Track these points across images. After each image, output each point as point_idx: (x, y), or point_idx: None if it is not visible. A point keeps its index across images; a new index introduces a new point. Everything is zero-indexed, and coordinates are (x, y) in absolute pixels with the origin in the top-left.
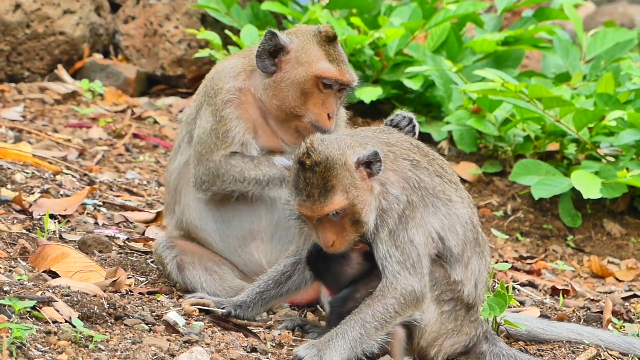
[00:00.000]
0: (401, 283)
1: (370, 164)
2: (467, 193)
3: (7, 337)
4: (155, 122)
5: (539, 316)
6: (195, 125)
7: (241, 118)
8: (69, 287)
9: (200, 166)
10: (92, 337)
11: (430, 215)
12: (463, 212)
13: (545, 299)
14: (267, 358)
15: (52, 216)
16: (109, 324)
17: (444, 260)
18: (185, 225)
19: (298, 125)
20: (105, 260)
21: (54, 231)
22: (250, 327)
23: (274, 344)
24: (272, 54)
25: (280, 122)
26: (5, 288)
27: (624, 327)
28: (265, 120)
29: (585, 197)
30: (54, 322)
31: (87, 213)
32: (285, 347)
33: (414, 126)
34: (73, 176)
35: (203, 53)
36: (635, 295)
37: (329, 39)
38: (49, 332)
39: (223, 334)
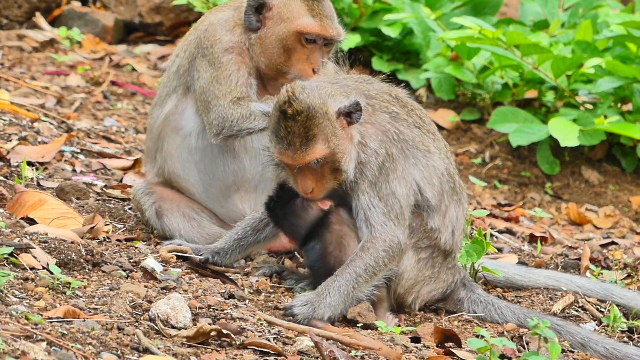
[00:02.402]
0: (389, 234)
1: (350, 114)
2: (445, 142)
3: None
4: (134, 69)
5: (517, 263)
6: (192, 78)
7: (241, 64)
8: (46, 234)
9: (211, 113)
10: (70, 283)
11: (410, 167)
12: (440, 164)
13: (523, 246)
14: (245, 304)
15: (29, 163)
16: (87, 270)
17: (422, 210)
18: (167, 173)
19: (284, 83)
20: (83, 207)
21: (32, 178)
22: (228, 274)
23: (251, 291)
24: (257, 9)
25: (269, 80)
26: None
27: (601, 274)
28: (257, 75)
29: (562, 145)
30: (32, 268)
31: (65, 160)
32: (263, 294)
33: None
34: (51, 123)
35: (181, 0)
36: (613, 243)
37: None
38: (26, 279)
39: (201, 281)
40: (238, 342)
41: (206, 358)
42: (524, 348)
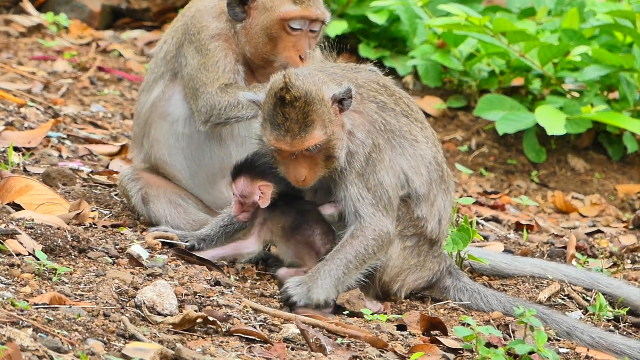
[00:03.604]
0: (378, 224)
1: (342, 100)
2: (432, 130)
3: None
4: (120, 55)
5: (503, 251)
6: (180, 64)
7: (228, 50)
8: (32, 220)
9: (199, 100)
10: (56, 269)
11: (398, 157)
12: (427, 153)
13: (509, 234)
14: (231, 292)
15: (16, 149)
16: (73, 256)
17: (410, 199)
18: (153, 159)
19: (272, 72)
20: (69, 193)
21: (18, 164)
22: (214, 261)
23: (237, 278)
24: (242, 0)
25: (257, 68)
26: None
27: (587, 262)
28: (244, 63)
29: (549, 133)
30: (18, 254)
31: (52, 146)
32: (249, 281)
33: None
34: (37, 109)
35: None
36: (599, 231)
37: None
38: (12, 265)
39: (187, 267)
40: (224, 329)
41: (192, 345)
42: (510, 336)
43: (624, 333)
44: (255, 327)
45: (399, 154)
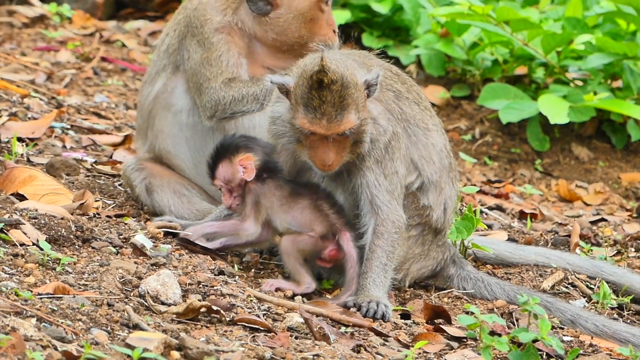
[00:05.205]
0: (395, 214)
1: (370, 87)
2: (438, 118)
3: None
4: (124, 45)
5: (507, 240)
6: (182, 57)
7: (231, 44)
8: (36, 210)
9: (203, 96)
10: (60, 259)
11: (411, 146)
12: (438, 141)
13: (513, 222)
14: (235, 281)
15: (19, 139)
16: (77, 246)
17: (419, 189)
18: (157, 150)
19: (302, 54)
20: (73, 183)
21: (22, 154)
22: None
23: (241, 267)
24: None
25: (276, 53)
26: None
27: (591, 250)
28: (252, 52)
29: (552, 122)
30: (22, 244)
31: (55, 136)
32: (253, 270)
33: None
34: (41, 99)
35: None
36: (602, 219)
37: None
38: (16, 255)
39: (190, 257)
40: (228, 319)
41: (196, 334)
42: (514, 325)
43: (628, 321)
44: (259, 316)
45: (412, 142)
